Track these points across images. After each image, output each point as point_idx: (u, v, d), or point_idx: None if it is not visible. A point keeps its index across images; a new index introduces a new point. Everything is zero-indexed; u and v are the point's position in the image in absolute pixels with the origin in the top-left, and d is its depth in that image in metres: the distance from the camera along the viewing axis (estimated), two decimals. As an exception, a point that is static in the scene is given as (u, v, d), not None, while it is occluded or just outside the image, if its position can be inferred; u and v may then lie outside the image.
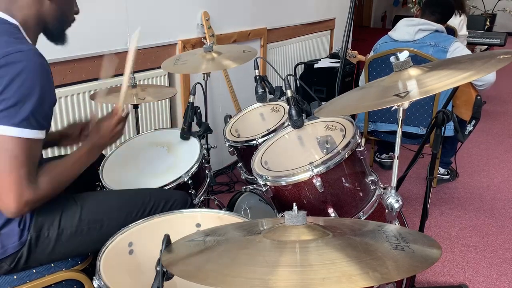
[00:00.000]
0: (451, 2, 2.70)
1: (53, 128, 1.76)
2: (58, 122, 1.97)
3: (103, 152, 1.95)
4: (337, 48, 2.79)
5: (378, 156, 3.10)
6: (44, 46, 1.18)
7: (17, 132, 1.03)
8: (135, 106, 2.05)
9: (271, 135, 1.68)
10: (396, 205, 1.19)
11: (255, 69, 1.92)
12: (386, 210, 1.22)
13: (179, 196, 1.43)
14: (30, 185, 1.06)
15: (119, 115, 1.32)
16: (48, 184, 1.11)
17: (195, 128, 1.80)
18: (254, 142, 1.73)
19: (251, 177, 1.78)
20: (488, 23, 5.24)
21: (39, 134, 1.07)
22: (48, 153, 1.80)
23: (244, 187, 1.67)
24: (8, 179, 1.03)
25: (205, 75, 2.00)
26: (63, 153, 1.71)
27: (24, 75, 1.03)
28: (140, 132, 1.96)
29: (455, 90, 2.19)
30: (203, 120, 1.86)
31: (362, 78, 2.69)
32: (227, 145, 1.85)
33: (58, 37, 1.26)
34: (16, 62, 1.03)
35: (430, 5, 2.62)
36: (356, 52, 3.01)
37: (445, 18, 2.64)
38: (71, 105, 2.01)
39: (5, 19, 1.13)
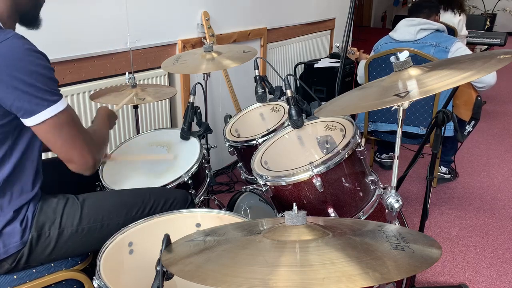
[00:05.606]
0: None
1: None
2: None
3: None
4: (336, 45, 2.74)
5: (378, 156, 3.10)
6: (44, 46, 1.18)
7: (56, 107, 1.11)
8: (135, 106, 2.05)
9: (271, 135, 1.68)
10: (396, 205, 1.19)
11: (255, 69, 1.92)
12: (386, 210, 1.22)
13: (179, 194, 1.43)
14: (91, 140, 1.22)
15: None
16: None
17: (195, 128, 1.80)
18: (254, 142, 1.73)
19: (251, 177, 1.78)
20: (488, 23, 5.22)
21: (66, 101, 1.15)
22: (49, 154, 1.80)
23: (244, 187, 1.67)
24: (79, 142, 1.16)
25: (205, 75, 2.00)
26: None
27: (23, 63, 1.05)
28: (140, 132, 1.96)
29: (455, 90, 2.19)
30: (203, 120, 1.86)
31: (361, 66, 2.65)
32: (227, 145, 1.85)
33: (34, 22, 1.26)
34: (7, 52, 1.05)
35: (415, 7, 2.62)
36: (355, 48, 2.97)
37: (434, 10, 2.62)
38: (71, 105, 2.00)
39: None
